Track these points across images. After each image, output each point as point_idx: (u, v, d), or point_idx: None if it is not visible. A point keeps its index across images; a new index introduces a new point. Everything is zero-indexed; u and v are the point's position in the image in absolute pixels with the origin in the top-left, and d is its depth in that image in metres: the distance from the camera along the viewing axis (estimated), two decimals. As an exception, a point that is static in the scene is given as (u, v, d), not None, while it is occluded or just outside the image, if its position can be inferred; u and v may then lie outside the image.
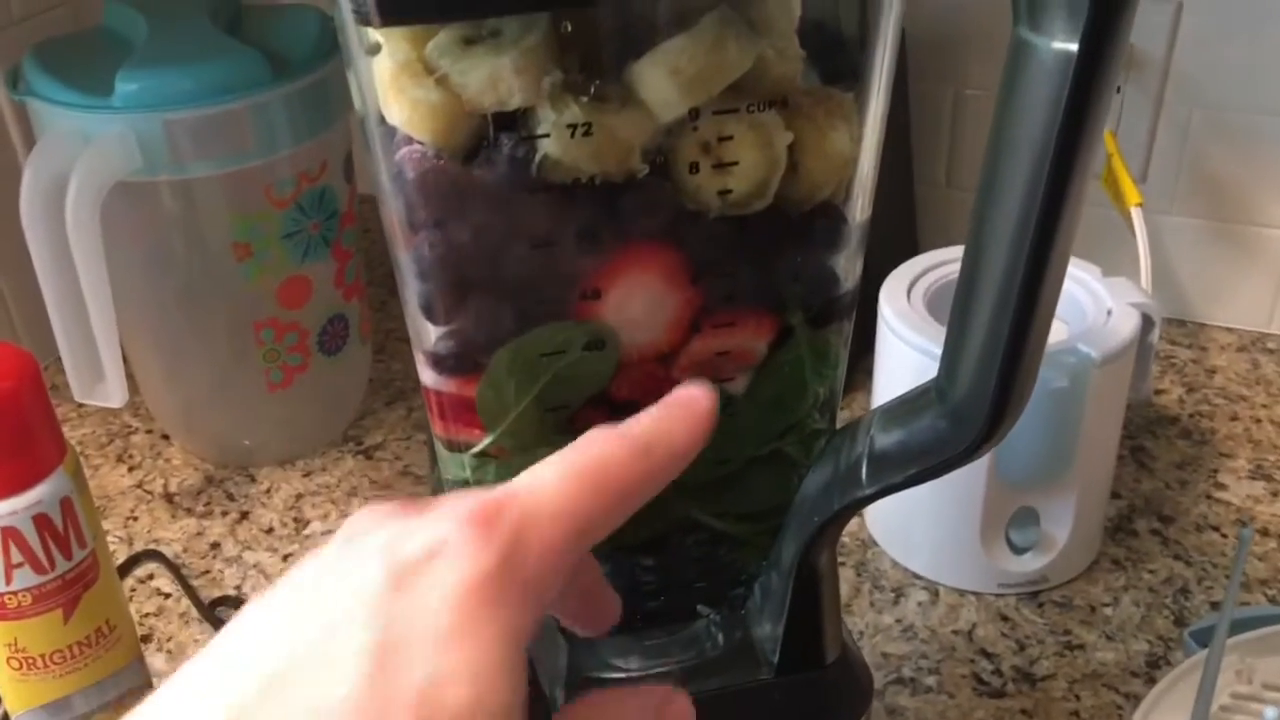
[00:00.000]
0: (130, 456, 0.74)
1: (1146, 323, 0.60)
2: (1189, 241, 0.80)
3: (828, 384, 0.37)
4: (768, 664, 0.39)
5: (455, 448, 0.36)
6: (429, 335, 0.34)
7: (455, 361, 0.34)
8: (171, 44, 0.61)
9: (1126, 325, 0.57)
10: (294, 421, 0.72)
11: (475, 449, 0.36)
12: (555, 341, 0.33)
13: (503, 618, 0.23)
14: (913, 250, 0.65)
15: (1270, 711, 0.49)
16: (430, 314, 0.33)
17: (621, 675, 0.40)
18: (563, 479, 0.26)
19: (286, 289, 0.66)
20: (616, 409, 0.33)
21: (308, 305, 0.67)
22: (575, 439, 0.34)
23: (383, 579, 0.24)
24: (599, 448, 0.26)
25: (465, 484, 0.37)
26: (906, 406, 0.35)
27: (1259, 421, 0.73)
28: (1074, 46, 0.26)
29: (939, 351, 0.33)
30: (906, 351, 0.58)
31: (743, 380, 0.35)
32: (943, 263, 0.63)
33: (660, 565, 0.40)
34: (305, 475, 0.72)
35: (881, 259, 0.63)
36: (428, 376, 0.35)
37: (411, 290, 0.33)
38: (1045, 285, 0.29)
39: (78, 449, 0.74)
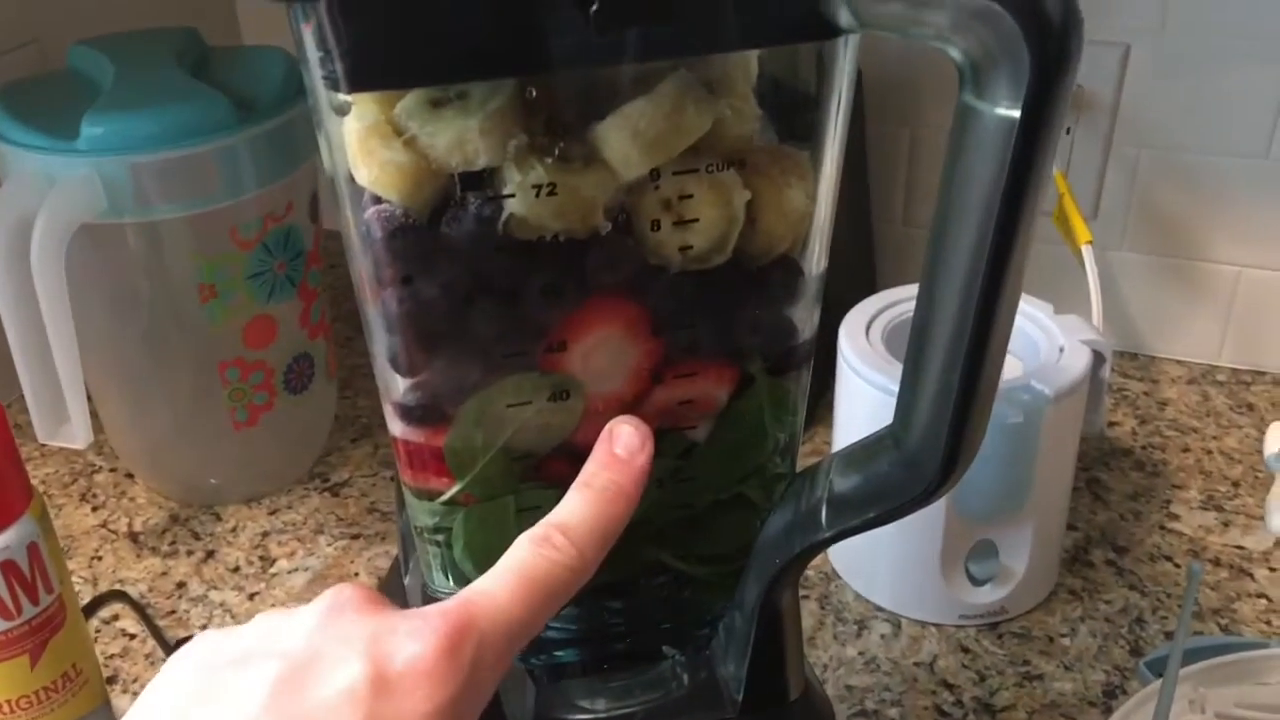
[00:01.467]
0: (94, 496, 0.74)
1: (1098, 359, 0.61)
2: (1140, 276, 0.82)
3: (787, 429, 0.38)
4: (732, 703, 0.40)
5: (424, 495, 0.37)
6: (397, 387, 0.35)
7: (423, 412, 0.35)
8: (137, 87, 0.62)
9: (1078, 362, 0.59)
10: (260, 460, 0.72)
11: (444, 497, 0.36)
12: (522, 392, 0.34)
13: None
14: (871, 288, 0.67)
15: (1221, 740, 0.50)
16: (398, 367, 0.34)
17: (588, 716, 0.40)
18: (509, 591, 0.30)
19: (252, 329, 0.66)
20: (582, 456, 0.34)
21: (273, 345, 0.67)
22: (542, 486, 0.35)
23: (367, 681, 0.27)
24: (534, 559, 0.31)
25: (434, 530, 0.37)
26: (864, 452, 0.35)
27: (1209, 453, 0.75)
28: (1016, 113, 0.27)
29: (896, 388, 0.34)
30: (865, 388, 0.59)
31: (705, 427, 0.36)
32: (900, 300, 0.64)
33: (626, 607, 0.40)
34: (271, 513, 0.72)
35: (840, 297, 0.65)
36: (396, 427, 0.36)
37: (380, 344, 0.34)
38: (993, 339, 0.30)
39: (41, 488, 0.74)
